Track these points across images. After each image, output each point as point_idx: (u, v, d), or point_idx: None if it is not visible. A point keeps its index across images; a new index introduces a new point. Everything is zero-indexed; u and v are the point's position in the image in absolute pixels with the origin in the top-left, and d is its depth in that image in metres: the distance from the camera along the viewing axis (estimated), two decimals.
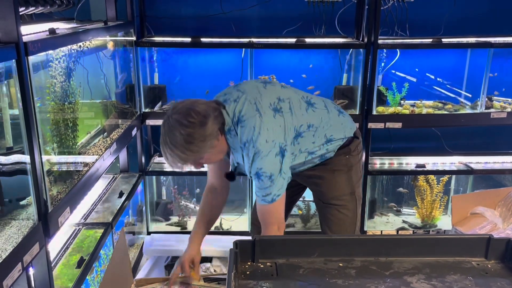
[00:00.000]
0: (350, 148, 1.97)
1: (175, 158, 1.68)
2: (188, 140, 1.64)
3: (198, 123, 1.65)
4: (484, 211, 2.80)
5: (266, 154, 1.72)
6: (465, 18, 3.10)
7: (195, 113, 1.65)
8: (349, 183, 1.99)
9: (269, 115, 1.76)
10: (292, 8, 3.06)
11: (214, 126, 1.69)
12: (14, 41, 1.29)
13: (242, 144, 1.75)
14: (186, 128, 1.64)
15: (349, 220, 2.01)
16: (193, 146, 1.66)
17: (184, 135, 1.64)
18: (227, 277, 1.18)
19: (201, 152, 1.69)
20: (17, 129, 1.40)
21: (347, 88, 3.01)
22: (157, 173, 3.08)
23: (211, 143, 1.70)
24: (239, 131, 1.75)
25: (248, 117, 1.74)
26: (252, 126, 1.72)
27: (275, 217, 1.83)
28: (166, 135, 1.67)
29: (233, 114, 1.77)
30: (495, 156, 3.28)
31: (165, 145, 1.68)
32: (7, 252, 1.26)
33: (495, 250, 1.31)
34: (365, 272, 1.27)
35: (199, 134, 1.65)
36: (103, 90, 2.39)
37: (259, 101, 1.78)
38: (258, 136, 1.71)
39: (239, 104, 1.78)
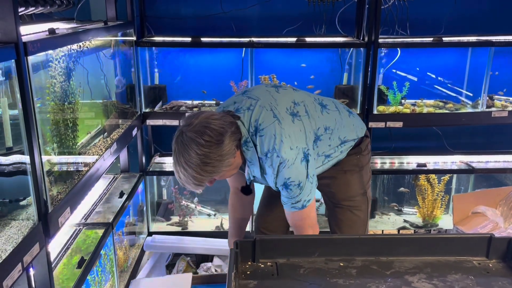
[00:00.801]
0: (361, 147, 1.94)
1: (189, 179, 1.58)
2: (205, 161, 1.54)
3: (215, 142, 1.55)
4: (485, 210, 2.80)
5: (292, 163, 1.63)
6: (466, 16, 3.10)
7: (211, 131, 1.54)
8: (360, 183, 1.96)
9: (288, 120, 1.68)
10: (292, 8, 3.05)
11: (231, 144, 1.59)
12: (14, 41, 1.29)
13: (263, 155, 1.65)
14: (203, 148, 1.53)
15: (360, 221, 1.98)
16: (209, 166, 1.56)
17: (200, 155, 1.53)
18: (227, 277, 1.17)
19: (216, 172, 1.60)
20: (17, 129, 1.39)
21: (348, 88, 3.00)
22: (158, 173, 3.07)
23: (228, 162, 1.61)
24: (258, 141, 1.65)
25: (266, 125, 1.65)
26: (273, 134, 1.63)
27: (308, 222, 1.77)
28: (180, 154, 1.56)
29: (249, 124, 1.67)
30: (496, 155, 3.27)
31: (178, 165, 1.58)
32: (7, 253, 1.26)
33: (497, 249, 1.31)
34: (366, 271, 1.26)
35: (216, 154, 1.55)
36: (103, 90, 2.38)
37: (275, 107, 1.69)
38: (281, 144, 1.62)
39: (255, 112, 1.68)
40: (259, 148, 1.66)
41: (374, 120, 2.85)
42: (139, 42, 2.79)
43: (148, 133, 3.19)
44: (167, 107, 2.96)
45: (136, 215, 2.86)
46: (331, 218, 2.04)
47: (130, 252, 2.68)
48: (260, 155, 1.66)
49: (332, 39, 2.94)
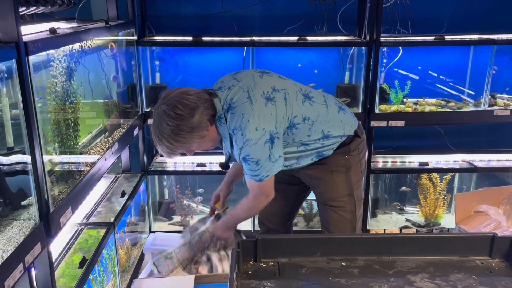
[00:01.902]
0: (350, 147, 1.93)
1: (163, 148, 1.74)
2: (176, 132, 1.69)
3: (185, 116, 1.68)
4: (487, 209, 2.79)
5: (255, 142, 1.72)
6: (467, 15, 3.09)
7: (182, 106, 1.69)
8: (347, 184, 1.96)
9: (260, 103, 1.75)
10: (293, 6, 3.05)
11: (202, 118, 1.72)
12: (14, 41, 1.28)
13: (230, 130, 1.76)
14: (174, 120, 1.68)
15: (347, 222, 1.99)
16: (180, 137, 1.70)
17: (171, 126, 1.68)
18: (229, 277, 1.17)
19: (188, 143, 1.74)
20: (18, 129, 1.39)
21: (350, 86, 2.99)
22: (159, 173, 3.07)
23: (199, 134, 1.74)
24: (229, 117, 1.76)
25: (238, 104, 1.75)
26: (242, 113, 1.73)
27: (263, 191, 1.86)
28: (155, 125, 1.73)
29: (225, 101, 1.78)
30: (499, 154, 3.26)
31: (154, 134, 1.75)
32: (8, 253, 1.25)
33: (499, 248, 1.30)
34: (368, 271, 1.26)
35: (186, 126, 1.69)
36: (104, 90, 2.38)
37: (252, 89, 1.78)
38: (247, 123, 1.72)
39: (232, 91, 1.79)
40: (228, 125, 1.77)
41: (376, 119, 2.84)
42: (140, 42, 2.79)
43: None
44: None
45: (137, 215, 2.86)
46: (321, 218, 2.08)
47: (132, 252, 2.68)
48: (229, 131, 1.78)
49: (334, 38, 2.93)
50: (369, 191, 3.06)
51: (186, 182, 3.22)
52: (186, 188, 3.20)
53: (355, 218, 2.01)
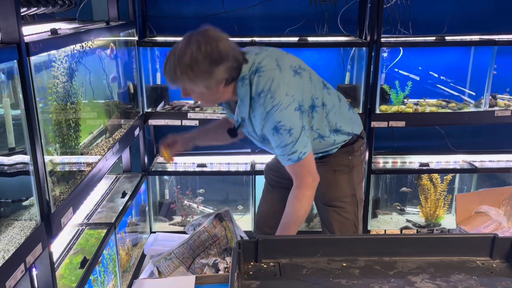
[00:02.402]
0: (354, 147, 1.93)
1: (171, 70, 1.62)
2: (192, 65, 1.58)
3: (212, 60, 1.58)
4: (488, 210, 2.79)
5: (285, 107, 1.63)
6: (468, 15, 3.09)
7: (215, 50, 1.58)
8: (350, 184, 1.94)
9: (288, 73, 1.70)
10: (294, 7, 3.05)
11: (223, 73, 1.61)
12: (16, 42, 1.29)
13: (256, 94, 1.66)
14: (199, 54, 1.57)
15: (349, 223, 1.97)
16: (192, 73, 1.59)
17: (192, 57, 1.57)
18: (230, 277, 1.17)
19: (194, 83, 1.63)
20: (19, 130, 1.39)
21: (350, 87, 2.99)
22: (160, 173, 3.08)
23: (209, 84, 1.63)
24: (255, 80, 1.66)
25: (267, 68, 1.67)
26: (271, 77, 1.65)
27: (307, 171, 1.73)
28: (179, 45, 1.62)
29: (252, 63, 1.69)
30: (499, 154, 3.26)
31: (173, 53, 1.63)
32: (9, 253, 1.26)
33: (500, 249, 1.30)
34: (368, 271, 1.26)
35: (205, 68, 1.58)
36: (105, 90, 2.39)
37: (281, 60, 1.72)
38: (278, 87, 1.64)
39: (260, 56, 1.71)
40: (254, 87, 1.67)
41: (377, 120, 2.85)
42: (141, 42, 2.79)
43: (150, 133, 3.19)
44: (169, 107, 2.96)
45: (138, 215, 2.86)
46: (322, 219, 2.05)
47: (133, 252, 2.68)
48: (253, 94, 1.67)
49: (334, 39, 2.93)
50: (370, 192, 3.06)
51: (186, 182, 3.22)
52: (187, 189, 3.20)
53: (357, 219, 1.99)
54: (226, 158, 3.20)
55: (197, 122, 2.85)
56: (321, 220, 2.08)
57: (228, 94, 1.72)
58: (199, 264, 2.35)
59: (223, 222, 2.50)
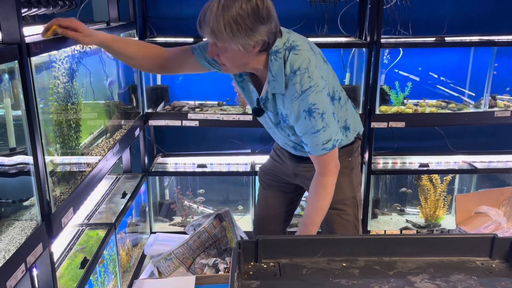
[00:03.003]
0: (353, 147, 1.91)
1: (213, 20, 1.45)
2: (237, 19, 1.43)
3: (259, 16, 1.46)
4: (488, 210, 2.79)
5: (320, 90, 1.57)
6: (468, 16, 3.09)
7: (266, 6, 1.48)
8: (350, 186, 1.93)
9: (320, 58, 1.66)
10: (294, 8, 3.05)
11: (264, 35, 1.50)
12: (17, 42, 1.29)
13: (291, 71, 1.57)
14: (248, 7, 1.44)
15: (350, 226, 1.95)
16: (236, 26, 1.44)
17: (241, 9, 1.43)
18: (230, 277, 1.17)
19: (232, 39, 1.47)
20: (20, 130, 1.40)
21: (350, 88, 3.00)
22: (160, 174, 3.08)
23: (248, 42, 1.48)
24: (291, 57, 1.58)
25: (303, 48, 1.60)
26: (307, 57, 1.58)
27: (333, 158, 1.70)
28: None
29: (287, 39, 1.61)
30: (499, 155, 3.27)
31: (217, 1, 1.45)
32: (10, 253, 1.26)
33: (500, 249, 1.30)
34: (368, 272, 1.26)
35: (250, 24, 1.45)
36: (105, 91, 2.39)
37: (312, 46, 1.67)
38: (315, 69, 1.58)
39: (293, 34, 1.64)
40: (289, 64, 1.58)
41: (377, 120, 2.85)
42: None
43: (151, 134, 3.20)
44: (170, 108, 2.96)
45: (138, 216, 2.86)
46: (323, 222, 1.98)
47: (133, 252, 2.68)
48: (287, 71, 1.59)
49: (334, 39, 2.93)
50: (370, 192, 3.06)
51: (187, 183, 3.23)
52: (187, 189, 3.21)
53: (358, 221, 1.98)
54: (226, 158, 3.21)
55: (197, 122, 2.86)
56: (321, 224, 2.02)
57: (258, 63, 1.61)
58: (199, 265, 2.36)
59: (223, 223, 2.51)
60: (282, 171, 2.04)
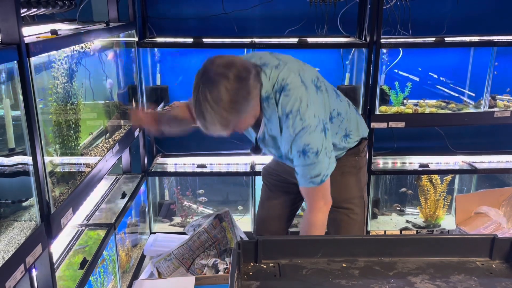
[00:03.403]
0: (359, 148, 1.92)
1: (217, 118, 1.47)
2: (234, 99, 1.46)
3: (243, 77, 1.48)
4: (488, 211, 2.79)
5: (314, 129, 1.60)
6: (468, 16, 3.09)
7: (237, 67, 1.48)
8: (357, 185, 1.94)
9: (312, 90, 1.65)
10: (294, 8, 3.05)
11: (255, 84, 1.53)
12: (16, 42, 1.29)
13: (283, 114, 1.60)
14: (232, 82, 1.45)
15: (357, 225, 1.96)
16: (238, 105, 1.47)
17: (230, 90, 1.44)
18: (230, 278, 1.17)
19: (242, 113, 1.51)
20: (19, 130, 1.39)
21: (350, 88, 3.00)
22: (160, 174, 3.08)
23: (253, 103, 1.54)
24: (282, 100, 1.60)
25: (293, 86, 1.60)
26: (299, 97, 1.59)
27: (322, 195, 1.71)
28: (206, 91, 1.45)
29: (276, 81, 1.61)
30: (499, 155, 3.27)
31: (204, 103, 1.45)
32: (9, 254, 1.26)
33: (500, 250, 1.30)
34: (368, 272, 1.26)
35: (244, 90, 1.48)
36: (105, 91, 2.39)
37: (303, 74, 1.66)
38: (307, 109, 1.59)
39: (283, 72, 1.62)
40: (280, 108, 1.60)
41: (376, 121, 2.85)
42: (141, 43, 2.79)
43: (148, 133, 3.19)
44: (169, 108, 2.96)
45: (138, 216, 2.86)
46: (329, 221, 2.01)
47: (132, 253, 2.68)
48: (280, 114, 1.61)
49: (334, 40, 2.93)
50: (370, 192, 3.05)
51: (186, 183, 3.22)
52: (187, 189, 3.20)
53: (364, 221, 1.99)
54: (226, 158, 3.20)
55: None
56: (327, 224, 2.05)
57: (259, 108, 1.64)
58: (199, 265, 2.36)
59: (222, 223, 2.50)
60: (286, 170, 2.04)
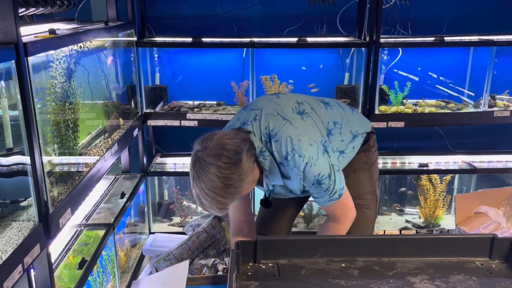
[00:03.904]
0: (369, 144, 1.94)
1: (213, 204, 1.55)
2: (227, 183, 1.53)
3: (234, 163, 1.53)
4: (487, 210, 2.79)
5: (317, 158, 1.63)
6: (467, 16, 3.09)
7: (228, 152, 1.53)
8: (370, 181, 1.96)
9: (297, 119, 1.68)
10: (293, 8, 3.05)
11: (249, 161, 1.57)
12: (14, 42, 1.29)
13: (282, 159, 1.63)
14: (223, 170, 1.51)
15: (369, 220, 1.97)
16: (232, 188, 1.55)
17: (221, 178, 1.52)
18: (228, 278, 1.17)
19: (238, 193, 1.59)
20: (17, 130, 1.39)
21: (349, 88, 2.99)
22: (159, 174, 3.07)
23: (248, 179, 1.59)
24: (274, 147, 1.63)
25: (278, 129, 1.64)
26: (288, 136, 1.62)
27: (348, 204, 1.77)
28: (200, 180, 1.54)
29: (260, 133, 1.65)
30: (499, 155, 3.26)
31: (200, 190, 1.55)
32: (7, 254, 1.25)
33: (499, 249, 1.30)
34: (368, 272, 1.26)
35: (236, 174, 1.54)
36: (104, 91, 2.38)
37: (281, 111, 1.69)
38: (300, 143, 1.62)
39: (263, 120, 1.67)
40: (276, 154, 1.64)
41: (376, 120, 2.84)
42: (140, 43, 2.79)
43: (149, 134, 3.19)
44: (168, 108, 2.96)
45: (137, 216, 2.86)
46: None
47: (131, 253, 2.67)
48: (279, 160, 1.64)
49: (333, 39, 2.93)
50: None
51: (186, 183, 3.22)
52: (186, 189, 3.20)
53: (376, 217, 2.01)
54: None
55: (196, 122, 2.85)
56: None
57: (258, 171, 1.67)
58: (198, 265, 2.35)
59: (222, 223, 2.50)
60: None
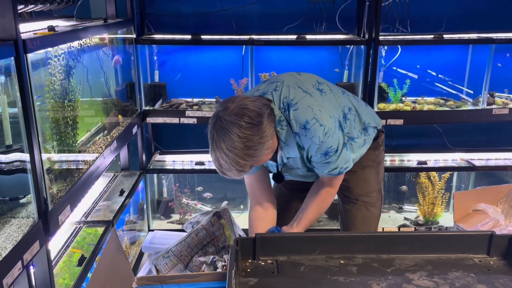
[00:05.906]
0: (378, 142, 1.95)
1: (232, 165, 1.51)
2: (247, 144, 1.48)
3: (256, 124, 1.50)
4: (486, 208, 2.79)
5: (334, 130, 1.63)
6: (466, 13, 3.09)
7: (250, 112, 1.50)
8: (377, 179, 1.97)
9: (317, 94, 1.68)
10: (292, 5, 3.05)
11: (269, 125, 1.55)
12: (13, 39, 1.28)
13: (301, 128, 1.60)
14: (245, 130, 1.48)
15: (374, 218, 1.99)
16: (252, 150, 1.50)
17: (243, 138, 1.48)
18: (227, 275, 1.17)
19: (258, 156, 1.54)
20: (16, 127, 1.39)
21: (348, 85, 2.99)
22: (158, 171, 3.07)
23: (268, 143, 1.55)
24: (293, 115, 1.61)
25: (299, 99, 1.62)
26: (308, 106, 1.61)
27: (336, 183, 1.81)
28: (220, 139, 1.50)
29: (280, 102, 1.63)
30: (497, 152, 3.27)
31: (219, 151, 1.50)
32: (7, 251, 1.25)
33: (498, 246, 1.30)
34: (366, 269, 1.26)
35: (257, 136, 1.50)
36: (103, 88, 2.38)
37: (302, 84, 1.68)
38: (320, 113, 1.60)
39: (283, 91, 1.65)
40: (294, 123, 1.62)
41: None
42: (139, 40, 2.79)
43: (148, 131, 3.19)
44: (167, 105, 2.96)
45: (136, 213, 2.86)
46: (345, 214, 2.02)
47: (131, 250, 2.68)
48: (295, 130, 1.62)
49: (333, 37, 2.93)
50: None
51: (185, 180, 3.22)
52: (185, 187, 3.20)
53: (380, 213, 2.02)
54: None
55: (195, 120, 2.85)
56: (342, 216, 2.05)
57: (276, 141, 1.66)
58: (197, 262, 2.35)
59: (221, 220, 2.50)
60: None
